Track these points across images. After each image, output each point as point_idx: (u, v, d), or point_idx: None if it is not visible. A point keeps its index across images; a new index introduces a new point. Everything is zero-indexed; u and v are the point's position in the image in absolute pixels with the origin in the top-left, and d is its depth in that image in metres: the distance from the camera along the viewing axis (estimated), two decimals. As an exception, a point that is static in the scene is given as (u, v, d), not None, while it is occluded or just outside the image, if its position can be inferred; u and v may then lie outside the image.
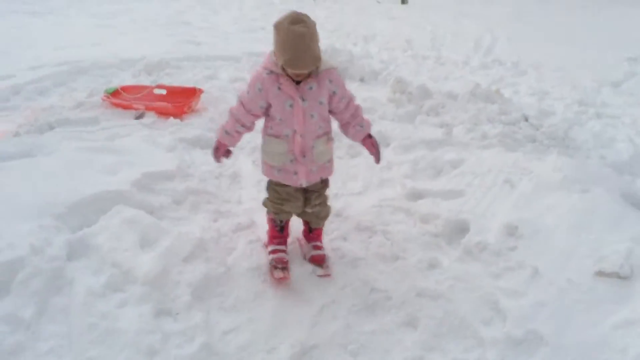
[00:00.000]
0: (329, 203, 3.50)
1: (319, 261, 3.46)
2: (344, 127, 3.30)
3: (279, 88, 3.01)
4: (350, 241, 3.78)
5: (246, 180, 4.63)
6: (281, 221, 3.48)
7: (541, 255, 3.32)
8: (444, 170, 4.49)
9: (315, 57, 2.87)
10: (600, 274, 3.06)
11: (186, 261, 3.43)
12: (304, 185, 3.25)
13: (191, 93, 6.07)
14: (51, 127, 5.34)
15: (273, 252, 3.44)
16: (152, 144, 4.92)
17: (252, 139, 5.39)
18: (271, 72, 3.02)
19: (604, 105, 6.95)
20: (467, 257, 3.50)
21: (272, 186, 3.39)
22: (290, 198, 3.33)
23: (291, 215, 3.48)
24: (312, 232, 3.56)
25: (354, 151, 4.98)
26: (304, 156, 3.15)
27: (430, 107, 5.98)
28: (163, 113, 5.73)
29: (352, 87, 6.82)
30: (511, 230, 3.53)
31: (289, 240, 3.65)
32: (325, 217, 3.51)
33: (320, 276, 3.40)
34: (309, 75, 2.98)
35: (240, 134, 3.29)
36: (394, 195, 4.25)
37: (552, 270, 3.19)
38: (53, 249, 3.25)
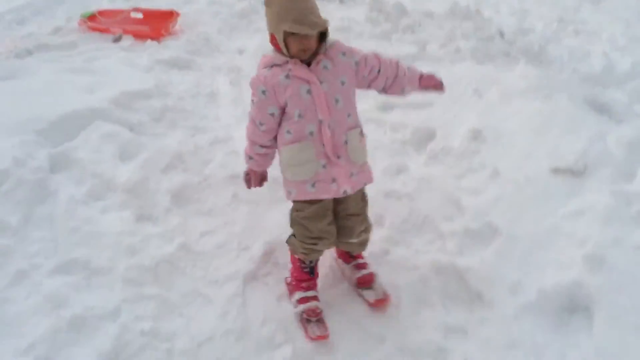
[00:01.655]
0: (371, 226, 2.83)
1: (368, 283, 2.83)
2: (395, 85, 2.68)
3: (288, 76, 2.44)
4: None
5: (223, 99, 4.73)
6: (311, 262, 2.78)
7: (502, 157, 3.49)
8: (416, 83, 4.59)
9: (321, 17, 2.39)
10: (556, 170, 3.23)
11: (164, 171, 3.59)
12: (349, 192, 2.57)
13: (168, 16, 6.07)
14: (30, 53, 5.40)
15: (302, 300, 2.71)
16: (129, 65, 4.98)
17: (229, 60, 5.49)
18: (273, 65, 2.50)
19: (583, 22, 6.97)
20: (433, 161, 3.67)
21: (299, 221, 2.64)
22: (323, 235, 2.63)
23: (322, 254, 2.79)
24: (352, 254, 2.96)
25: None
26: (339, 156, 2.51)
27: (406, 25, 6.01)
28: (140, 36, 5.77)
29: (331, 8, 6.84)
30: (475, 135, 3.68)
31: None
32: (368, 241, 2.85)
33: (377, 302, 2.75)
34: (317, 54, 2.46)
35: (264, 156, 2.72)
36: (366, 107, 4.36)
37: (510, 170, 3.36)
38: (36, 162, 3.38)
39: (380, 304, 2.74)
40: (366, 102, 4.45)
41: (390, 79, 2.64)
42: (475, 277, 2.82)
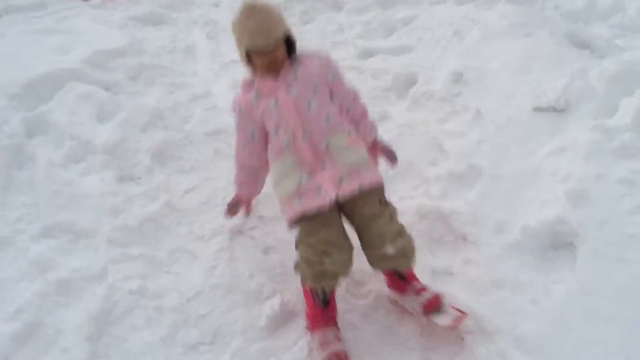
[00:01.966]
0: (408, 232, 2.37)
1: (436, 306, 2.35)
2: (358, 124, 2.63)
3: (257, 95, 2.43)
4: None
5: (201, 53, 4.65)
6: (324, 292, 2.30)
7: (484, 98, 3.46)
8: (396, 28, 4.52)
9: (280, 26, 2.34)
10: (537, 109, 3.21)
11: (144, 130, 3.54)
12: (334, 198, 2.28)
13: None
14: (-2, 16, 5.24)
15: (323, 345, 2.24)
16: (102, 23, 4.86)
17: (205, 14, 5.35)
18: (246, 85, 2.51)
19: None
20: (415, 107, 3.64)
21: (302, 238, 2.32)
22: (330, 246, 2.23)
23: (337, 280, 2.26)
24: (404, 278, 2.45)
25: (307, 17, 4.96)
26: (322, 162, 2.35)
27: (385, -32, 5.87)
28: (112, -7, 5.61)
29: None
30: (457, 78, 3.65)
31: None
32: (413, 251, 2.34)
33: (454, 323, 2.30)
34: (289, 64, 2.42)
35: (254, 181, 2.72)
36: (346, 55, 4.31)
37: (493, 111, 3.34)
38: (11, 127, 3.33)
39: (458, 324, 2.31)
40: (346, 49, 4.40)
41: (353, 120, 2.60)
42: (459, 219, 2.83)
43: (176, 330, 2.50)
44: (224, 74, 4.27)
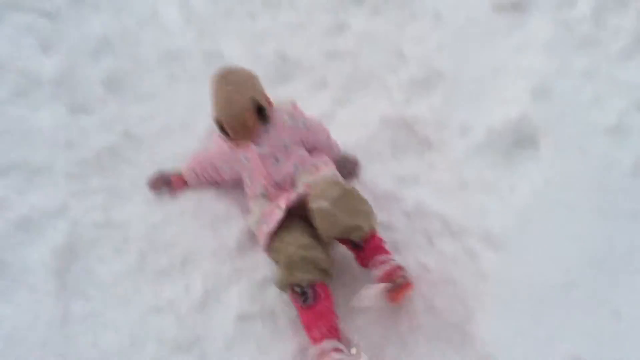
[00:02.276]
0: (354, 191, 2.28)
1: (390, 278, 2.15)
2: (328, 152, 2.62)
3: (230, 148, 2.48)
4: (258, 18, 3.70)
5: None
6: (303, 288, 2.09)
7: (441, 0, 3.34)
8: None
9: (248, 96, 2.31)
10: (497, 6, 3.12)
11: (92, 58, 3.35)
12: (284, 206, 2.28)
13: None
14: None
15: (320, 356, 2.01)
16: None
17: None
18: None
19: None
20: (373, 14, 3.49)
21: (272, 251, 2.28)
22: (300, 242, 2.18)
23: (312, 273, 2.10)
24: (362, 248, 2.24)
25: None
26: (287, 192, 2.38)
27: None
28: None
29: None
30: (414, -20, 3.51)
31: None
32: (348, 206, 2.18)
33: (396, 291, 2.10)
34: (260, 127, 2.39)
35: (199, 185, 2.72)
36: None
37: (452, 12, 3.24)
38: (-51, 65, 3.13)
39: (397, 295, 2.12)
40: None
41: (323, 150, 2.60)
42: (423, 125, 2.80)
43: (145, 257, 2.48)
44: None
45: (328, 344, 2.01)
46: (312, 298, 2.08)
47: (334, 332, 2.06)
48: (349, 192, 2.22)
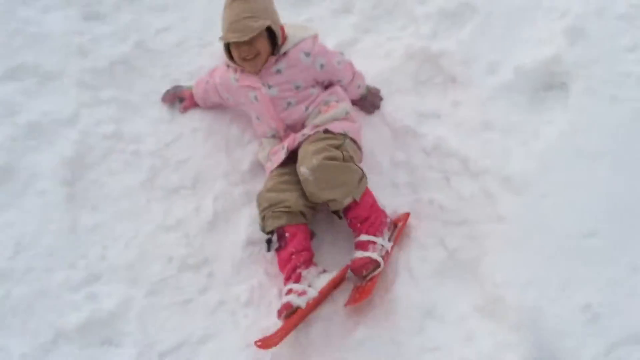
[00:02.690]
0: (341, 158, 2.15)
1: (355, 269, 2.07)
2: (346, 88, 2.49)
3: (236, 79, 2.36)
4: None
5: None
6: (271, 232, 2.13)
7: None
8: None
9: (260, 17, 2.16)
10: (538, -61, 2.95)
11: (107, -37, 3.20)
12: (286, 148, 2.27)
13: None
14: None
15: (287, 293, 2.03)
16: None
17: None
18: (228, 65, 2.41)
19: None
20: (405, -62, 3.31)
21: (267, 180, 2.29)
22: (277, 188, 2.19)
23: (284, 219, 2.11)
24: (343, 218, 2.18)
25: None
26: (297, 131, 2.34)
27: None
28: None
29: None
30: None
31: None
32: (327, 178, 2.09)
33: (351, 299, 2.06)
34: (272, 59, 2.26)
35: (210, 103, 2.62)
36: None
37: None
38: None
39: (352, 302, 2.05)
40: None
41: (341, 86, 2.46)
42: (449, 60, 2.68)
43: (156, 174, 2.45)
44: None
45: (286, 286, 2.04)
46: (278, 243, 2.10)
47: (295, 277, 2.05)
48: (329, 162, 2.08)
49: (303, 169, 2.10)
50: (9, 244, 2.17)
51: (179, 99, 2.66)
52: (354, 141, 2.29)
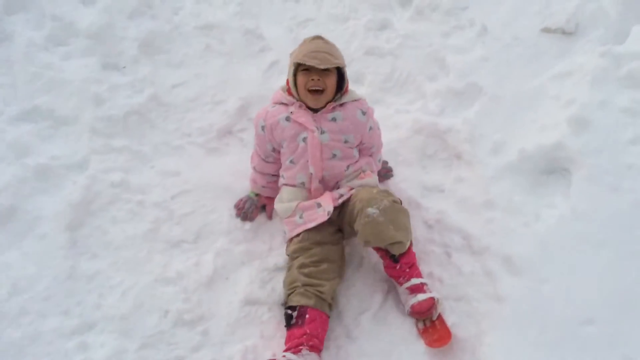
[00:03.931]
0: (401, 204, 2.23)
1: (423, 312, 2.10)
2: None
3: (288, 118, 2.32)
4: (302, 3, 3.67)
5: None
6: (291, 310, 2.08)
7: (491, 14, 3.31)
8: None
9: (338, 57, 2.30)
10: (546, 29, 3.09)
11: (131, 17, 3.33)
12: (332, 210, 2.24)
13: None
14: None
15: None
16: None
17: None
18: (279, 103, 2.40)
19: None
20: (419, 17, 3.47)
21: (291, 255, 2.25)
22: (329, 256, 2.18)
23: (317, 303, 2.07)
24: (399, 262, 2.17)
25: None
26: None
27: None
28: None
29: None
30: (464, -10, 3.46)
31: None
32: (396, 219, 2.11)
33: (431, 343, 2.07)
34: (331, 105, 2.31)
35: (276, 182, 2.50)
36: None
37: (499, 28, 3.21)
38: (-13, 1, 3.09)
39: (435, 344, 2.07)
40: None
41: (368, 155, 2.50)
42: (455, 137, 2.76)
43: (159, 226, 2.44)
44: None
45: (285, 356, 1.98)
46: (296, 319, 2.05)
47: (295, 350, 2.00)
48: (398, 205, 2.16)
49: (371, 210, 2.08)
50: (5, 285, 2.14)
51: (261, 208, 2.57)
52: None
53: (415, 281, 2.14)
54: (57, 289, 2.18)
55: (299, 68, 2.27)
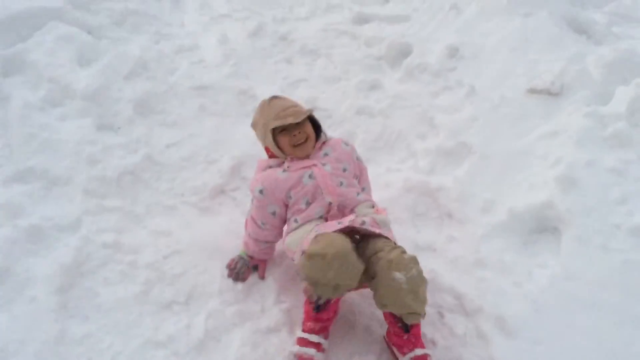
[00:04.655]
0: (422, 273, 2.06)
1: None
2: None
3: (285, 171, 2.34)
4: (294, 64, 3.77)
5: (189, 4, 4.47)
6: (319, 298, 2.08)
7: (479, 75, 3.41)
8: (393, -5, 4.41)
9: (303, 106, 2.43)
10: (532, 90, 3.17)
11: (127, 79, 3.40)
12: (347, 223, 2.16)
13: None
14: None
15: (300, 342, 2.14)
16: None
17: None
18: (268, 167, 2.43)
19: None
20: (408, 78, 3.56)
21: (312, 242, 2.08)
22: (340, 252, 1.96)
23: (337, 291, 1.98)
24: (409, 332, 2.11)
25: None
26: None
27: None
28: None
29: None
30: (452, 52, 3.58)
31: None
32: (419, 290, 2.00)
33: None
34: (318, 145, 2.42)
35: (270, 247, 2.52)
36: (340, 19, 4.20)
37: (487, 89, 3.30)
38: (-15, 64, 3.15)
39: None
40: (340, 13, 4.28)
41: None
42: (446, 196, 2.80)
43: (150, 287, 2.42)
44: (212, 28, 4.13)
45: (315, 337, 2.14)
46: (322, 307, 2.15)
47: (323, 331, 2.17)
48: (423, 275, 2.03)
49: (399, 275, 1.97)
50: (-8, 350, 2.11)
51: (253, 268, 2.54)
52: None
53: (419, 352, 2.07)
54: (46, 353, 2.13)
55: (276, 131, 2.35)
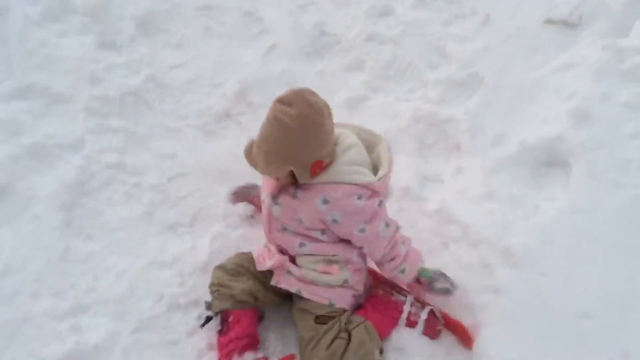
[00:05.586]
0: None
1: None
2: (378, 266, 2.12)
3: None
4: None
5: None
6: (210, 316, 2.05)
7: (494, 4, 3.28)
8: None
9: (289, 158, 1.78)
10: (549, 21, 3.06)
11: (129, -7, 3.26)
12: (271, 266, 2.01)
13: None
14: None
15: None
16: None
17: None
18: None
19: None
20: (421, 4, 3.43)
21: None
22: (241, 270, 2.05)
23: (234, 304, 2.00)
24: None
25: None
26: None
27: None
28: None
29: None
30: (468, -22, 3.43)
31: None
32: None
33: None
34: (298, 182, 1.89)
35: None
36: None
37: (502, 18, 3.18)
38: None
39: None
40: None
41: (374, 259, 2.09)
42: (456, 127, 2.74)
43: (155, 208, 2.42)
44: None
45: None
46: (220, 326, 2.00)
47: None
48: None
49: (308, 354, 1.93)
50: (-3, 266, 2.11)
51: (248, 201, 2.46)
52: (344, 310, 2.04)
53: None
54: (50, 270, 2.15)
55: None
